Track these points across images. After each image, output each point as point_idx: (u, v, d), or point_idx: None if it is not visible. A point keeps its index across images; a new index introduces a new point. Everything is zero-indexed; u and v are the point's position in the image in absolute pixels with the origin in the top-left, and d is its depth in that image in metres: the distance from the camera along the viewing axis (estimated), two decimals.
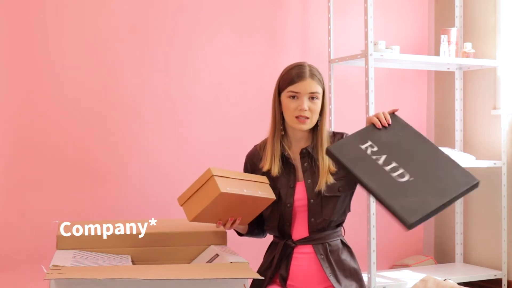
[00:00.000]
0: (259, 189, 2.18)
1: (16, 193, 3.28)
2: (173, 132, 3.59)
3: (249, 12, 3.77)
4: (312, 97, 2.23)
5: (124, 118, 3.49)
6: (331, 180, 2.24)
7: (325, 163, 2.25)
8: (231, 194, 2.05)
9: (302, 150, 2.29)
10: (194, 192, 2.10)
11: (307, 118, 2.23)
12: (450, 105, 4.15)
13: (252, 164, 2.36)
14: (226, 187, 2.05)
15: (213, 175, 2.05)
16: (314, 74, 2.25)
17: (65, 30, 3.38)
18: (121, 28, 3.48)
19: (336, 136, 2.32)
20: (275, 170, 2.27)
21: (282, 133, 2.30)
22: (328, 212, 2.24)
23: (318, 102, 2.25)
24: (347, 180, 2.26)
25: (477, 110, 4.00)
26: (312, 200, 2.24)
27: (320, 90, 2.25)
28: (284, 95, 2.26)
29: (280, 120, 2.30)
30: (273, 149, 2.29)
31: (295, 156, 2.31)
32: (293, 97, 2.23)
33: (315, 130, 2.29)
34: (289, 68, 2.29)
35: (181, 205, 2.15)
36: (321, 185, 2.23)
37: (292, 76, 2.24)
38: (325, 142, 2.27)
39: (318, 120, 2.28)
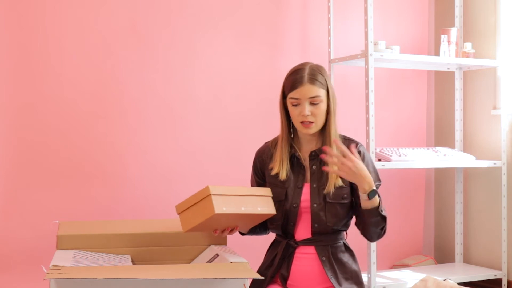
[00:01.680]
0: (259, 205, 2.16)
1: (16, 193, 3.28)
2: (173, 132, 3.58)
3: (249, 13, 3.77)
4: (313, 102, 2.21)
5: (124, 118, 3.48)
6: (339, 182, 2.23)
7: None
8: (227, 214, 2.05)
9: (311, 152, 2.28)
10: (191, 205, 2.09)
11: (311, 122, 2.21)
12: (450, 105, 4.14)
13: (261, 161, 2.36)
14: (222, 207, 2.03)
15: (210, 194, 2.03)
16: (313, 77, 2.20)
17: (65, 30, 3.38)
18: (121, 28, 3.48)
19: (349, 142, 2.27)
20: (283, 174, 2.26)
21: (292, 135, 2.31)
22: (331, 219, 2.23)
23: (321, 105, 2.21)
24: (351, 188, 2.26)
25: (477, 110, 4.00)
26: (315, 205, 2.23)
27: (321, 93, 2.21)
28: (288, 101, 2.24)
29: (287, 123, 2.30)
30: (282, 152, 2.29)
31: (305, 157, 2.30)
32: (295, 103, 2.22)
33: (324, 131, 2.27)
34: (290, 72, 2.26)
35: (178, 214, 2.14)
36: (330, 187, 2.22)
37: (291, 82, 2.22)
38: (334, 144, 2.24)
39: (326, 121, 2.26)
